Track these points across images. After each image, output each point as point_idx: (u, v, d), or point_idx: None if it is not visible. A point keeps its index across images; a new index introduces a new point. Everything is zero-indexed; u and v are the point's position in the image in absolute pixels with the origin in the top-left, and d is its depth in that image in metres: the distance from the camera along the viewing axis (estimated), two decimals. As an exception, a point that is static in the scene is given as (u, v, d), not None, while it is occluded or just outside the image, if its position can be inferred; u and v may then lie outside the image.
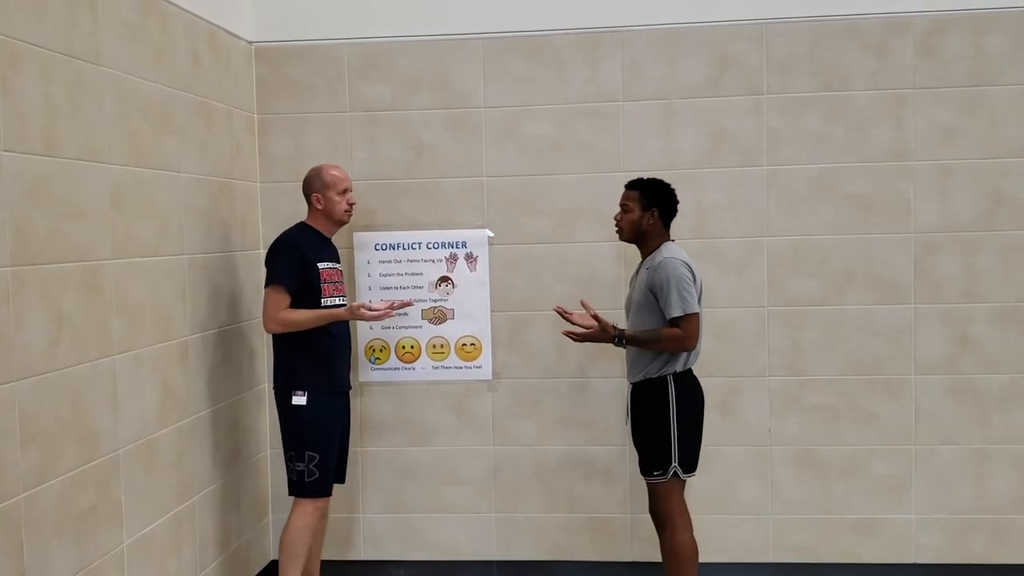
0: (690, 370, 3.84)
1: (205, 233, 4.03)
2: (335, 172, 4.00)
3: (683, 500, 3.86)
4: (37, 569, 2.80)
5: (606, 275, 4.55)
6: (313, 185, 3.99)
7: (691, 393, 3.83)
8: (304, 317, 3.85)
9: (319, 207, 3.98)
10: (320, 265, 3.92)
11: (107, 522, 3.20)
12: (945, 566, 4.48)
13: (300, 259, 3.87)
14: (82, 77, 3.10)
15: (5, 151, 2.69)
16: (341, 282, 4.07)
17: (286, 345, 3.92)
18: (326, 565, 4.32)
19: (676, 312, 3.69)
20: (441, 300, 4.63)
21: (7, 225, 2.70)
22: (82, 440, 3.06)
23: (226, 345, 4.21)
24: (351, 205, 4.03)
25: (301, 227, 4.02)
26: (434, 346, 4.65)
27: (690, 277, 3.73)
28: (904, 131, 4.42)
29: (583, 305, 3.94)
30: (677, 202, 3.91)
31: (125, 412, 3.33)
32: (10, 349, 2.70)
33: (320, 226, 4.02)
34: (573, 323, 3.91)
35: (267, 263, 3.91)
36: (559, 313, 3.93)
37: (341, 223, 4.06)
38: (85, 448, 3.07)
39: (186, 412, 3.81)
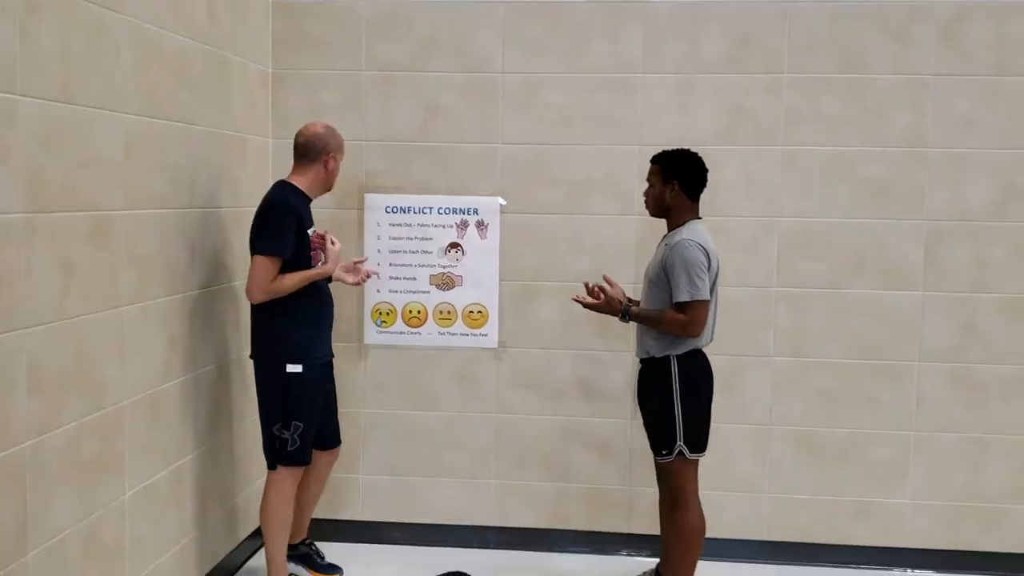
0: (699, 350, 3.74)
1: (216, 187, 4.00)
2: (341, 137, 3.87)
3: (694, 479, 3.79)
4: (40, 517, 2.81)
5: (618, 248, 4.53)
6: (330, 145, 3.78)
7: (697, 373, 3.74)
8: (291, 282, 3.66)
9: (327, 168, 3.79)
10: (309, 232, 3.75)
11: (110, 473, 3.20)
12: (937, 551, 4.51)
13: (297, 227, 3.66)
14: (101, 24, 3.06)
15: (21, 95, 2.66)
16: (322, 247, 3.88)
17: (282, 313, 3.71)
18: (324, 524, 4.34)
19: (684, 297, 3.59)
20: (450, 266, 4.61)
21: (21, 171, 2.67)
22: (88, 390, 3.05)
23: (234, 301, 4.19)
24: None
25: (291, 189, 3.74)
26: (441, 312, 4.63)
27: (705, 262, 3.61)
28: (922, 117, 4.39)
29: (605, 280, 3.88)
30: (704, 172, 3.78)
31: (131, 364, 3.32)
32: (19, 297, 2.68)
33: (309, 189, 3.79)
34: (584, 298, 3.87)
35: (260, 228, 3.67)
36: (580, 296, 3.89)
37: (327, 191, 3.90)
38: (90, 399, 3.07)
39: (192, 366, 3.80)
